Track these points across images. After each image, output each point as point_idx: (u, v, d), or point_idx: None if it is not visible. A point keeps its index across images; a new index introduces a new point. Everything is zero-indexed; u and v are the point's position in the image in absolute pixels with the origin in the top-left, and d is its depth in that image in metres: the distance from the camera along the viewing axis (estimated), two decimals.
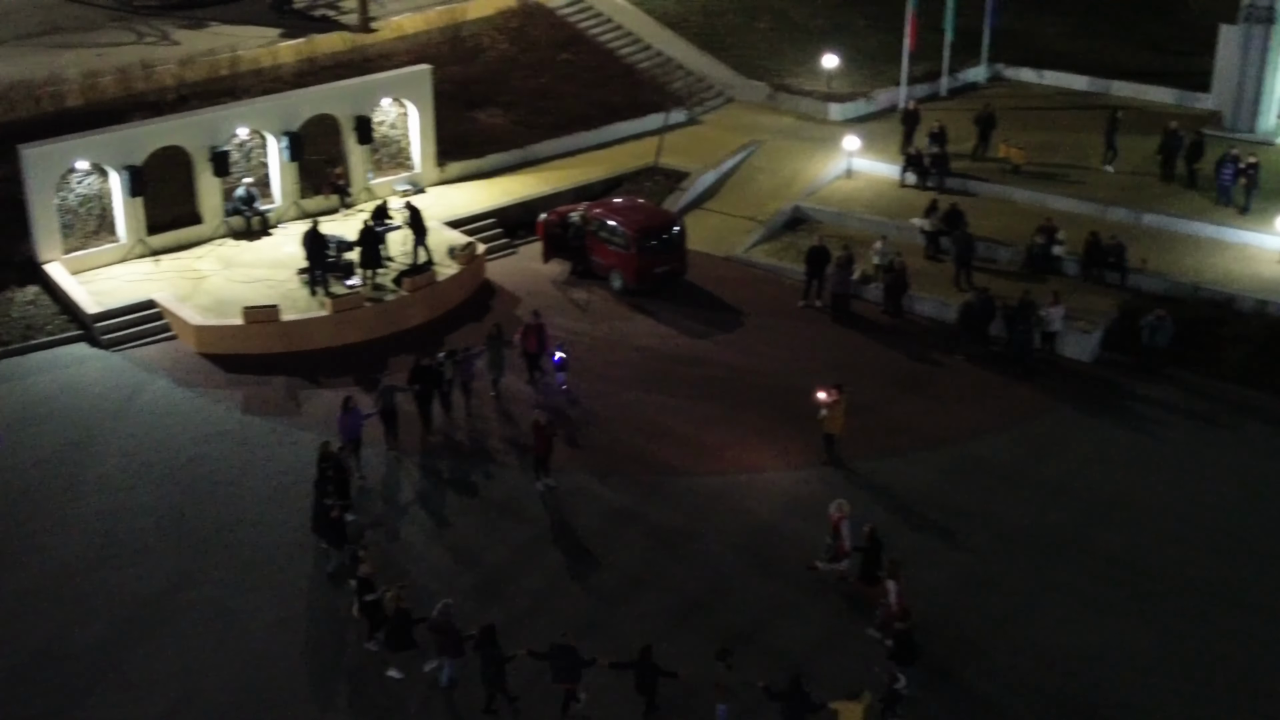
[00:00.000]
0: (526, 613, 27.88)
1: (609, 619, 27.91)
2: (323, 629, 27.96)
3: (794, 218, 44.57)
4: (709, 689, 25.20)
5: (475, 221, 43.30)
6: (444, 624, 25.78)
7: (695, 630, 27.60)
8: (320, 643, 27.61)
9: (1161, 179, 44.49)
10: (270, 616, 28.21)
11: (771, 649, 27.12)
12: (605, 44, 53.33)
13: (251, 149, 41.95)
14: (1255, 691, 26.49)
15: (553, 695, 25.61)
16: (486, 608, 27.68)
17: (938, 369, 37.27)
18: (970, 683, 26.68)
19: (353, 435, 31.66)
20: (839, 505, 29.00)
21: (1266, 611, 28.46)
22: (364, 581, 26.83)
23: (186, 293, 38.45)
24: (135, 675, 26.64)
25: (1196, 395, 35.97)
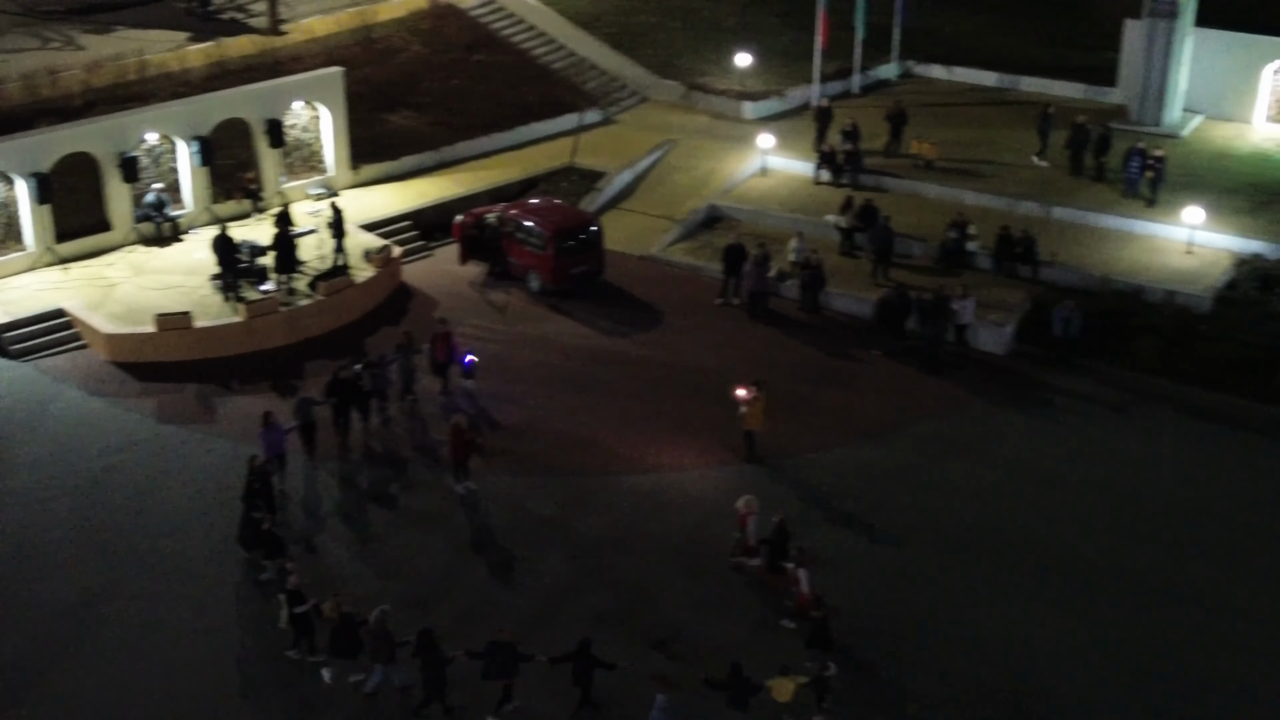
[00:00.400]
0: (457, 620, 27.58)
1: (540, 624, 27.73)
2: (247, 638, 27.68)
3: (710, 216, 44.72)
4: (647, 682, 25.23)
5: (390, 224, 43.05)
6: (380, 630, 25.57)
7: (627, 631, 27.60)
8: (246, 652, 27.32)
9: (1070, 173, 45.09)
10: (193, 626, 27.87)
11: (703, 645, 27.17)
12: (518, 44, 53.20)
13: (161, 154, 41.42)
14: (1181, 678, 26.91)
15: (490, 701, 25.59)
16: (417, 617, 27.34)
17: (855, 365, 37.56)
18: (895, 674, 26.92)
19: (276, 450, 31.17)
20: (747, 502, 29.38)
21: (1187, 597, 28.95)
22: (293, 594, 26.48)
23: (97, 301, 37.89)
24: (57, 690, 26.23)
25: (1108, 385, 36.51)
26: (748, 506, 29.26)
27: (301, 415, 32.34)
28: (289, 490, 31.62)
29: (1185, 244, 40.60)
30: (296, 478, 32.23)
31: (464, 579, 29.29)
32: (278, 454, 31.20)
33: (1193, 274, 39.32)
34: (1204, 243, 40.52)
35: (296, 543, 29.94)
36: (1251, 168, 44.53)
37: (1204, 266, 39.67)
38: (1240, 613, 28.53)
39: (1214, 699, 26.42)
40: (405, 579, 29.24)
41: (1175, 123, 48.18)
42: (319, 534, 30.62)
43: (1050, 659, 27.33)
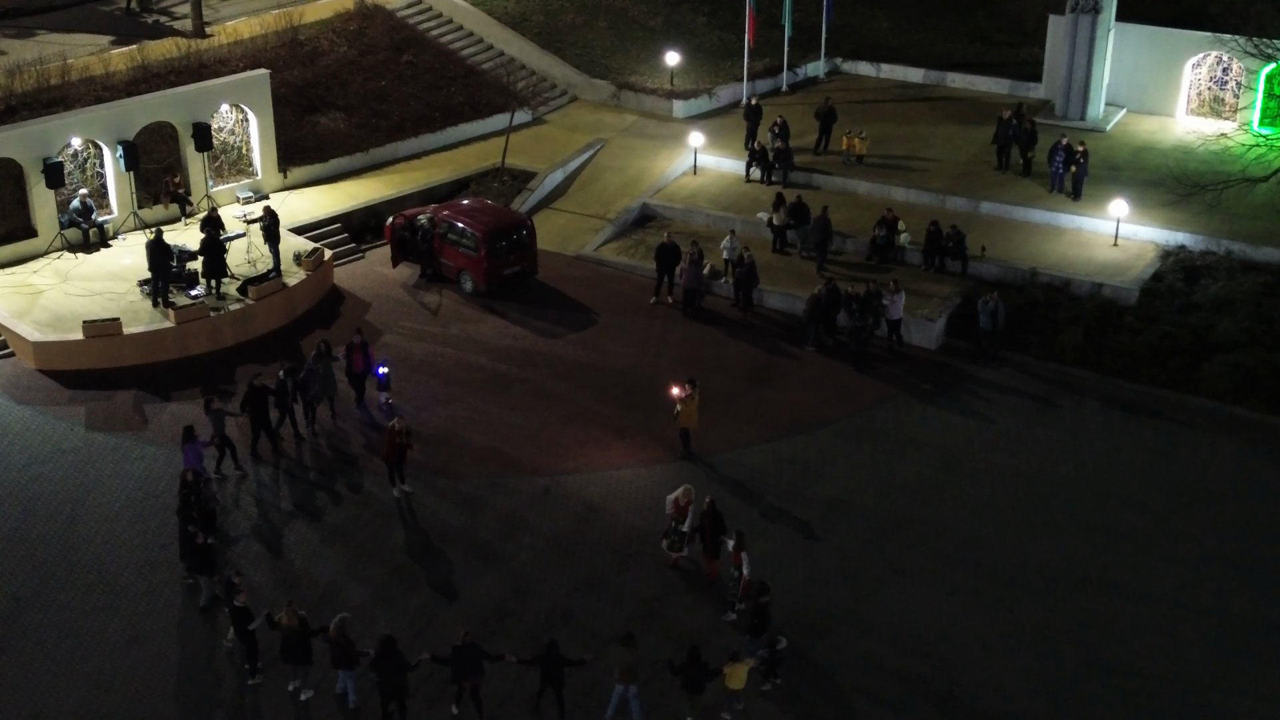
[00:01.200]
0: (404, 628, 27.44)
1: (491, 630, 27.71)
2: (174, 648, 27.44)
3: (642, 215, 44.77)
4: (611, 674, 25.63)
5: (320, 227, 42.76)
6: (340, 637, 25.40)
7: (575, 631, 27.69)
8: (172, 662, 27.08)
9: (996, 168, 45.51)
10: (119, 638, 27.65)
11: (651, 640, 27.22)
12: (446, 44, 52.95)
13: (86, 159, 40.92)
14: (1099, 666, 27.28)
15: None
16: (365, 625, 27.40)
17: (788, 361, 37.74)
18: (822, 665, 27.16)
19: (196, 464, 30.52)
20: (685, 491, 29.65)
21: (1107, 588, 29.34)
22: (242, 610, 26.07)
23: (23, 308, 37.37)
24: None
25: (1034, 377, 36.91)
26: (686, 496, 29.52)
27: (216, 429, 31.68)
28: (223, 499, 31.28)
29: (1111, 237, 41.06)
30: (230, 486, 31.97)
31: (402, 587, 29.15)
32: (196, 470, 30.32)
33: (1119, 266, 39.80)
34: (1130, 235, 41.01)
35: (231, 559, 29.52)
36: (1174, 161, 45.08)
37: (1130, 259, 40.17)
38: (1160, 600, 28.96)
39: (1136, 685, 26.80)
40: (344, 587, 29.06)
41: (1099, 117, 48.72)
42: (251, 544, 30.29)
43: (976, 649, 27.64)
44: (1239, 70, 46.91)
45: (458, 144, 48.53)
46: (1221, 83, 48.02)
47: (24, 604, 28.25)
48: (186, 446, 30.59)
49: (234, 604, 26.15)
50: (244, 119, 43.70)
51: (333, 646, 25.48)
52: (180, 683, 26.61)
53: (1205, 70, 48.19)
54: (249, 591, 27.02)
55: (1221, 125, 46.19)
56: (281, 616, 25.65)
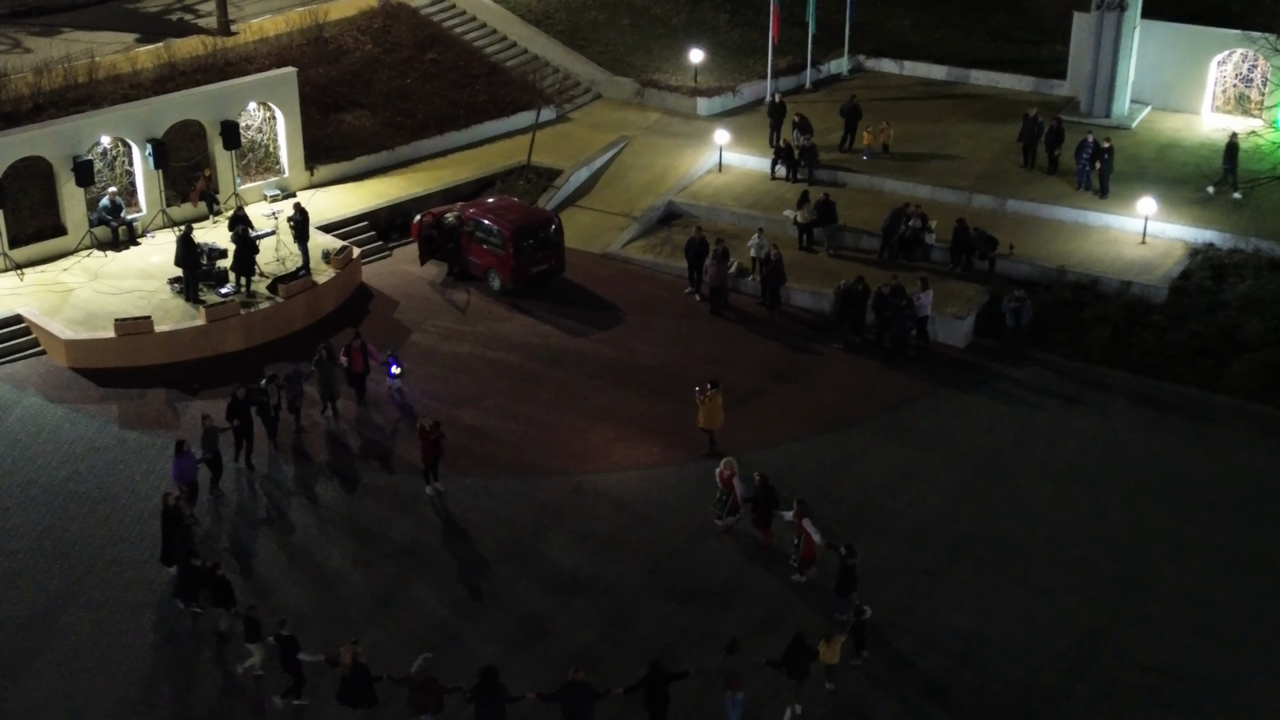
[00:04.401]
0: (440, 642, 27.20)
1: (544, 632, 27.84)
2: (210, 647, 27.51)
3: (668, 213, 44.80)
4: (718, 681, 25.59)
5: (347, 225, 42.85)
6: (425, 680, 24.33)
7: (646, 626, 27.80)
8: (209, 661, 27.16)
9: (1022, 165, 45.47)
10: (155, 635, 27.76)
11: (722, 632, 27.20)
12: (470, 42, 53.00)
13: (115, 157, 41.05)
14: (1134, 665, 27.30)
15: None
16: (398, 645, 27.16)
17: (815, 359, 37.77)
18: (857, 664, 27.11)
19: (189, 479, 30.30)
20: (728, 463, 30.20)
21: (1141, 585, 29.35)
22: (289, 639, 25.57)
23: (54, 306, 37.51)
24: (17, 704, 26.09)
25: (1062, 376, 36.91)
26: (729, 468, 30.07)
27: (209, 448, 31.19)
28: (201, 521, 30.62)
29: (1139, 235, 41.03)
30: (207, 508, 31.37)
31: (433, 595, 29.10)
32: (189, 482, 30.20)
33: (1147, 264, 39.76)
34: (1157, 233, 40.98)
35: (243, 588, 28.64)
36: (1200, 159, 45.04)
37: (1158, 257, 40.12)
38: (1191, 599, 28.98)
39: (1170, 684, 26.81)
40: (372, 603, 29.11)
41: (1124, 114, 48.66)
42: (252, 560, 29.88)
43: (1011, 649, 27.63)
44: (1265, 67, 46.80)
45: (482, 142, 48.58)
46: (1247, 80, 47.93)
47: (61, 602, 28.37)
48: (177, 460, 30.11)
49: (281, 633, 25.55)
50: (271, 117, 43.79)
51: (414, 690, 24.28)
52: (217, 682, 26.71)
53: (1231, 67, 48.10)
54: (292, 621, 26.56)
55: (1250, 122, 46.14)
56: (341, 654, 24.63)
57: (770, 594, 29.00)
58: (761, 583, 29.34)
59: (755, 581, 29.38)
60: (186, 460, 30.26)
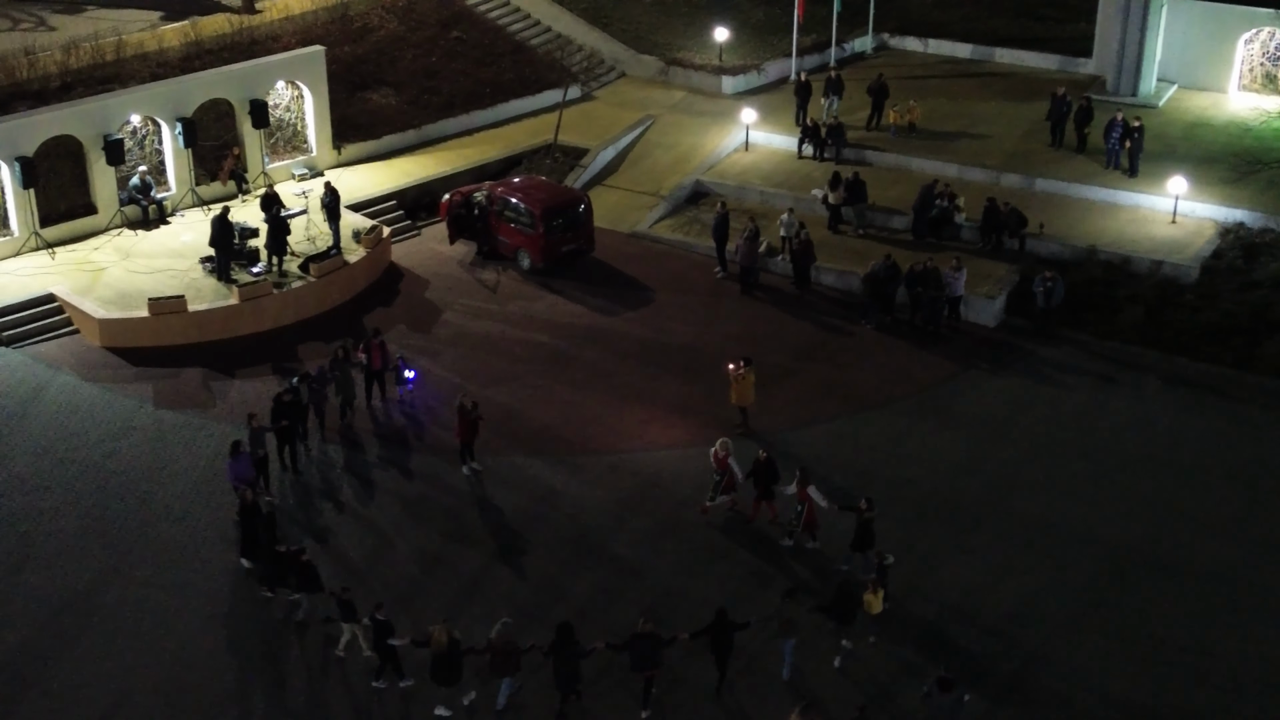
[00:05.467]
0: (513, 612, 27.02)
1: (605, 606, 28.00)
2: (253, 626, 27.61)
3: (695, 192, 44.78)
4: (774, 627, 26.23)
5: (376, 204, 42.86)
6: (505, 644, 24.82)
7: (692, 606, 27.69)
8: (252, 640, 27.25)
9: (1050, 144, 45.38)
10: (199, 614, 27.80)
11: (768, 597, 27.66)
12: (494, 20, 52.92)
13: (145, 136, 41.04)
14: (1171, 645, 27.32)
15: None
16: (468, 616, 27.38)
17: (846, 338, 37.78)
18: (888, 644, 27.21)
19: (247, 479, 29.75)
20: (723, 444, 30.24)
21: (1179, 569, 29.33)
22: (384, 624, 25.52)
23: (86, 285, 37.56)
24: (62, 681, 26.11)
25: (1094, 355, 36.90)
26: (725, 449, 30.13)
27: (258, 447, 30.54)
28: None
29: (1169, 214, 40.96)
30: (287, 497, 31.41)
31: (487, 567, 29.25)
32: (247, 482, 29.49)
33: (1178, 244, 39.72)
34: (1187, 213, 40.93)
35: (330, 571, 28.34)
36: (1228, 137, 44.99)
37: (1189, 236, 40.09)
38: (1226, 579, 28.98)
39: (1208, 664, 26.85)
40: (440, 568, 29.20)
41: (1150, 93, 48.55)
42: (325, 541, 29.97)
43: (1048, 628, 27.67)
44: None
45: (507, 120, 48.59)
46: (1275, 59, 47.80)
47: (104, 581, 28.47)
48: (231, 461, 29.77)
49: (375, 616, 25.51)
50: (299, 95, 43.76)
51: (495, 654, 24.81)
52: (261, 661, 26.80)
53: (1259, 46, 47.97)
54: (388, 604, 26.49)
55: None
56: (434, 633, 24.80)
57: (812, 564, 29.22)
58: (803, 556, 29.50)
59: (794, 556, 29.54)
60: (242, 461, 29.70)
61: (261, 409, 32.01)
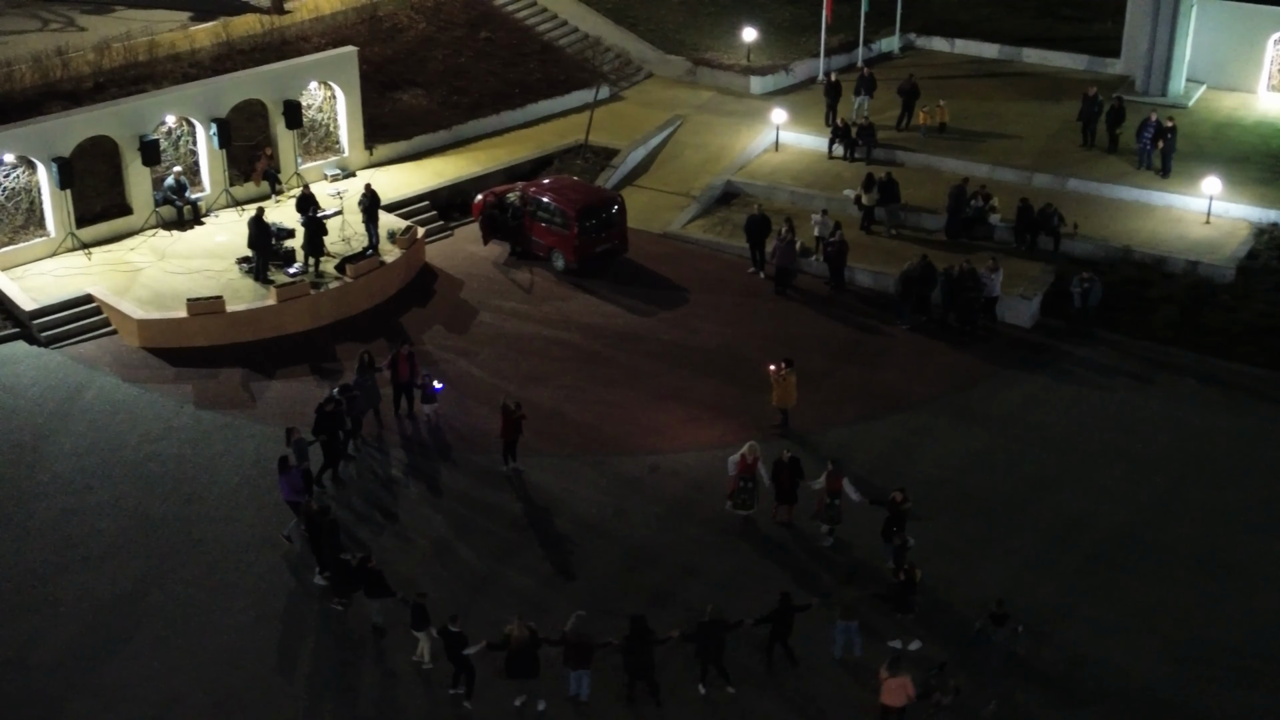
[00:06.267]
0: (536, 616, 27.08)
1: (622, 601, 28.03)
2: (299, 627, 27.70)
3: (726, 192, 44.80)
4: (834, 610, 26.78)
5: (408, 205, 42.90)
6: (579, 637, 25.31)
7: (750, 600, 27.84)
8: (300, 641, 27.34)
9: (1081, 144, 45.37)
10: (245, 616, 27.88)
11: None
12: (521, 20, 52.99)
13: (180, 137, 41.12)
14: (1215, 646, 27.34)
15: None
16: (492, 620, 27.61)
17: (881, 339, 37.80)
18: (942, 644, 27.18)
19: (298, 493, 29.50)
20: (751, 448, 30.21)
21: (1221, 570, 29.34)
22: (458, 635, 25.39)
23: (123, 286, 37.64)
24: (110, 682, 26.23)
25: (1130, 356, 36.89)
26: (752, 453, 30.10)
27: (301, 459, 30.18)
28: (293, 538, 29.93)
29: (1202, 214, 40.94)
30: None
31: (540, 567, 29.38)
32: (300, 495, 29.39)
33: (1212, 244, 39.71)
34: (1220, 213, 40.91)
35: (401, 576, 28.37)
36: (1258, 137, 44.97)
37: (1223, 237, 40.07)
38: (1269, 580, 28.97)
39: (1254, 664, 26.86)
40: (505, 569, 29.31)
41: (1179, 93, 48.51)
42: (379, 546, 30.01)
43: (1092, 629, 27.67)
44: None
45: (537, 121, 48.64)
46: None
47: (150, 581, 28.56)
48: (283, 477, 29.32)
49: (449, 628, 25.41)
50: (331, 96, 43.83)
51: (570, 647, 25.29)
52: (308, 662, 26.89)
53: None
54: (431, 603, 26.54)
55: None
56: (511, 630, 25.10)
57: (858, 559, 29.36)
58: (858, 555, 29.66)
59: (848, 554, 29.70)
60: (294, 476, 29.38)
61: (300, 419, 31.85)
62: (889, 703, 24.80)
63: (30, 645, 26.89)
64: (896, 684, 24.60)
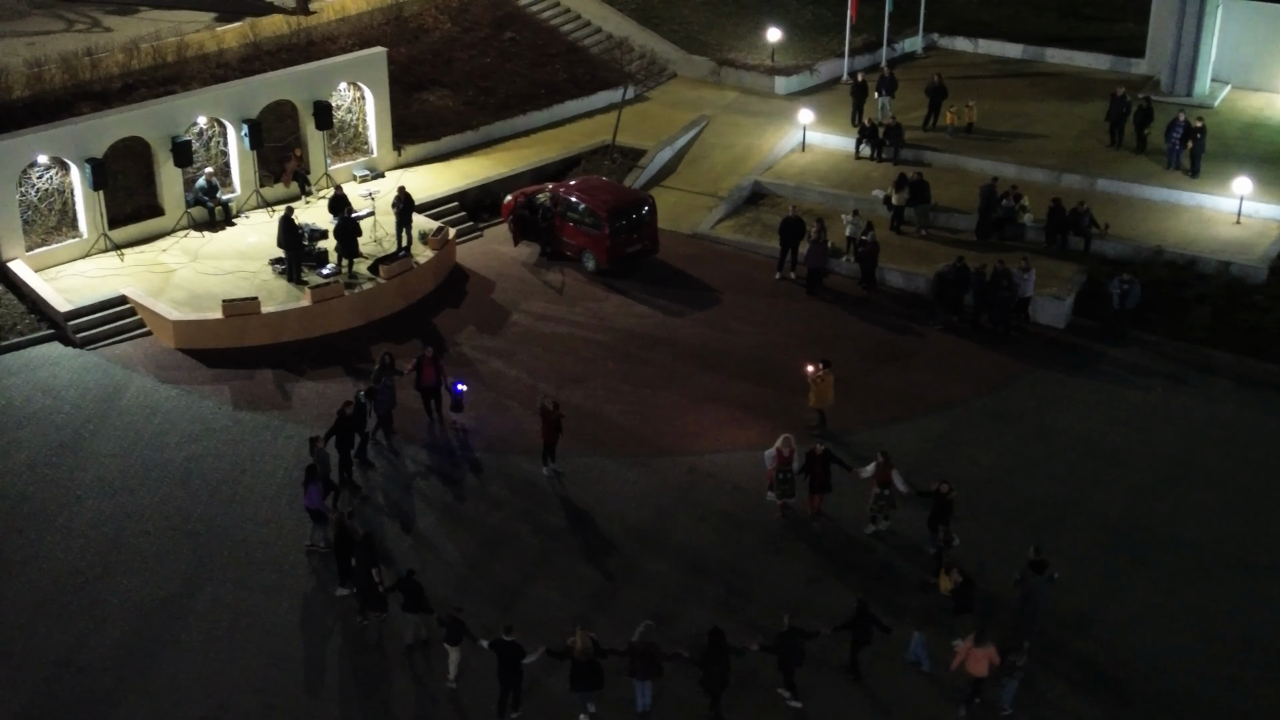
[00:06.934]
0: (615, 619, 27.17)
1: (675, 607, 28.12)
2: (347, 627, 27.69)
3: (754, 193, 44.81)
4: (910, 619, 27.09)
5: (438, 205, 42.90)
6: (647, 647, 24.85)
7: (828, 603, 27.66)
8: (346, 645, 27.31)
9: (1109, 144, 45.38)
10: (291, 618, 27.90)
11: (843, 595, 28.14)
12: (546, 21, 52.97)
13: (211, 138, 41.12)
14: (1261, 647, 27.38)
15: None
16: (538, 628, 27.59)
17: (914, 339, 37.82)
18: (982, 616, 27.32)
19: (321, 503, 29.39)
20: (786, 440, 30.42)
21: (1264, 570, 29.38)
22: (512, 645, 24.94)
23: (157, 287, 37.64)
24: (161, 684, 26.24)
25: (1164, 356, 36.93)
26: (787, 445, 30.36)
27: (322, 468, 29.73)
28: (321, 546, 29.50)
29: (1232, 214, 40.95)
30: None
31: (579, 569, 29.34)
32: (323, 504, 29.23)
33: (1244, 244, 39.73)
34: (1250, 213, 40.92)
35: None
36: None
37: (1254, 237, 40.09)
38: None
39: None
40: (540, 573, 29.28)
41: (1204, 93, 48.52)
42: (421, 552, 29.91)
43: (1135, 630, 27.70)
44: None
45: (563, 121, 48.65)
46: None
47: (196, 583, 28.58)
48: (311, 487, 29.01)
49: (504, 639, 24.93)
50: (361, 97, 43.82)
51: (636, 657, 24.88)
52: (354, 666, 26.86)
53: None
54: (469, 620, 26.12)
55: None
56: (574, 641, 24.68)
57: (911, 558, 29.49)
58: (901, 553, 29.77)
59: (895, 553, 29.84)
60: (319, 488, 29.19)
61: (325, 430, 31.42)
62: (975, 672, 25.38)
63: (80, 647, 26.91)
64: (983, 654, 25.20)
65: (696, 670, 25.14)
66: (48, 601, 28.00)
